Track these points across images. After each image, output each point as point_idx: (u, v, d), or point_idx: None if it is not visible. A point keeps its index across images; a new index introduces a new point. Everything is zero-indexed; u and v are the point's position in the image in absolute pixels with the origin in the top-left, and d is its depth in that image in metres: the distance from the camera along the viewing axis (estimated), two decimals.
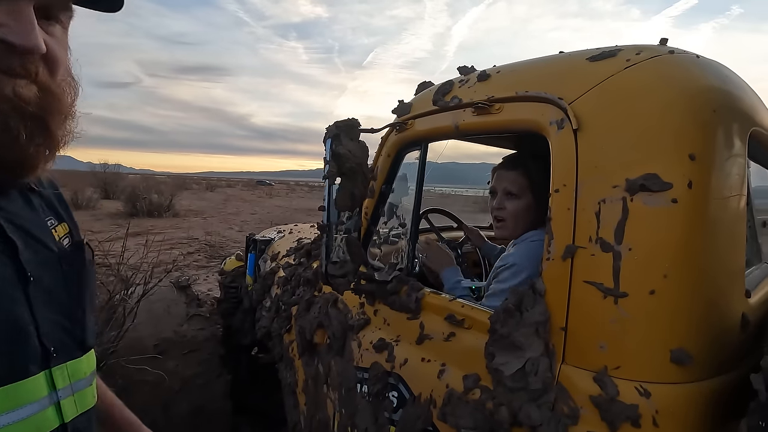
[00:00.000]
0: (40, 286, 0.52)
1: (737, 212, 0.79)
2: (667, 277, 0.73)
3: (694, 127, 0.74)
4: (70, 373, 0.55)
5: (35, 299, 0.50)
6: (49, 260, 0.55)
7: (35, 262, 0.52)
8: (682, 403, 0.72)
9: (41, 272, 0.52)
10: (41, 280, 0.52)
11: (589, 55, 0.89)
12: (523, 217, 1.26)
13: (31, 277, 0.50)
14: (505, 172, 1.30)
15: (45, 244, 0.56)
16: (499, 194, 1.30)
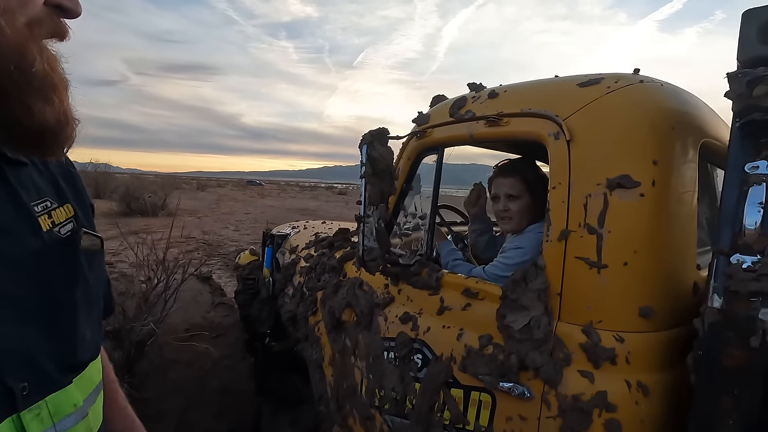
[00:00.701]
0: (6, 300, 0.41)
1: (690, 204, 1.04)
2: (636, 253, 0.97)
3: (656, 140, 0.99)
4: (51, 411, 0.44)
5: None
6: (21, 259, 0.43)
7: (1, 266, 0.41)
8: (648, 346, 0.97)
9: (7, 279, 0.41)
10: (7, 291, 0.41)
11: (579, 81, 1.13)
12: (526, 213, 1.48)
13: None
14: (504, 179, 1.51)
15: (20, 241, 0.44)
16: (502, 198, 1.50)
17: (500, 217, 1.53)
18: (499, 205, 1.51)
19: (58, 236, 0.48)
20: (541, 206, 1.43)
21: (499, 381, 1.07)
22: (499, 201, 1.51)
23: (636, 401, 0.93)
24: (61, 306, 0.47)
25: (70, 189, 0.54)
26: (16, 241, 0.43)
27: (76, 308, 0.49)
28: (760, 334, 0.77)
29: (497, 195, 1.52)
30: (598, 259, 0.99)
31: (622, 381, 0.95)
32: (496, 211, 1.54)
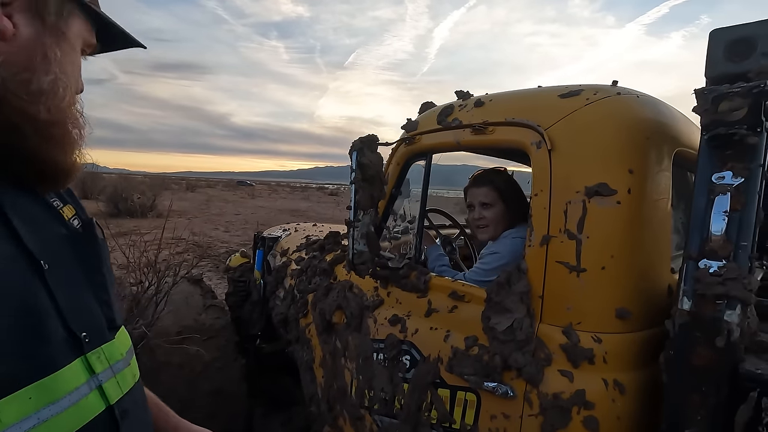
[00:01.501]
0: (58, 271, 0.50)
1: (664, 211, 1.09)
2: (613, 257, 1.02)
3: (632, 150, 1.04)
4: (107, 356, 0.54)
5: (55, 286, 0.49)
6: (62, 242, 0.54)
7: (47, 248, 0.50)
8: (624, 346, 1.01)
9: (56, 256, 0.51)
10: (58, 265, 0.50)
11: (560, 92, 1.18)
12: (500, 220, 1.53)
13: (44, 263, 0.48)
14: (477, 189, 1.57)
15: (52, 228, 0.55)
16: (476, 207, 1.56)
17: (476, 225, 1.59)
18: (474, 214, 1.57)
19: (74, 226, 0.59)
20: (514, 213, 1.51)
21: (483, 381, 1.11)
22: (474, 210, 1.57)
23: (613, 399, 0.98)
24: (98, 278, 0.58)
25: (66, 192, 0.64)
26: (54, 230, 0.55)
27: (107, 282, 0.60)
28: (725, 334, 0.82)
29: (472, 204, 1.58)
30: (578, 264, 1.04)
31: (600, 380, 0.99)
32: (472, 220, 1.60)
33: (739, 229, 0.83)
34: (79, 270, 0.55)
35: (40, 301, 0.47)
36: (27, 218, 0.50)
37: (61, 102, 0.51)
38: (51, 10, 0.51)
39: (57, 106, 0.51)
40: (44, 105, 0.49)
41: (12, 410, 0.41)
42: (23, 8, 0.49)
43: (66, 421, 0.46)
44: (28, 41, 0.49)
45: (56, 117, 0.51)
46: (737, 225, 0.83)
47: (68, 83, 0.52)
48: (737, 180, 0.84)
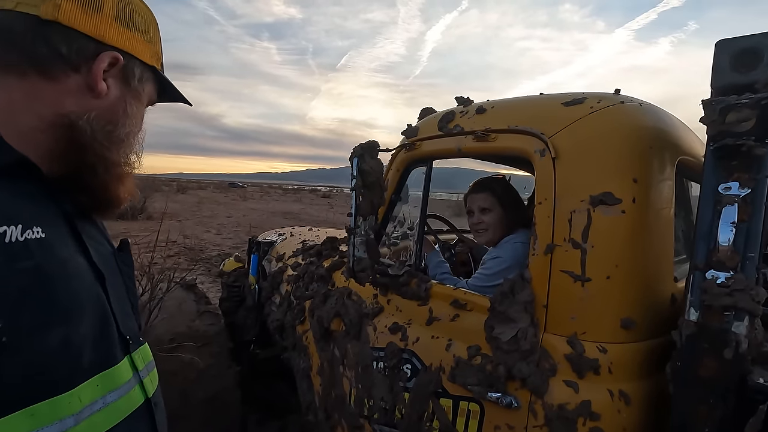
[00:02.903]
0: (111, 282, 0.59)
1: (667, 220, 1.09)
2: (618, 267, 1.02)
3: (636, 159, 1.04)
4: (143, 356, 0.64)
5: (111, 295, 0.58)
6: (110, 258, 0.64)
7: (102, 262, 0.59)
8: (629, 356, 1.01)
9: (107, 270, 0.59)
10: (110, 277, 0.59)
11: (563, 100, 1.18)
12: (499, 224, 1.56)
13: (104, 275, 0.57)
14: (476, 195, 1.62)
15: (104, 245, 0.64)
16: (475, 212, 1.61)
17: (475, 229, 1.63)
18: (474, 219, 1.62)
19: (114, 245, 0.69)
20: (512, 218, 1.53)
21: (487, 391, 1.10)
22: (473, 215, 1.62)
23: (618, 410, 0.97)
24: (129, 290, 0.67)
25: None
26: (104, 248, 0.64)
27: (135, 292, 0.71)
28: (733, 346, 0.81)
29: (471, 209, 1.63)
30: (582, 273, 1.03)
31: (605, 390, 0.99)
32: (472, 224, 1.65)
33: (746, 239, 0.83)
34: (121, 281, 0.64)
35: (107, 307, 0.57)
36: (90, 236, 0.60)
37: (130, 148, 0.63)
38: (135, 77, 0.62)
39: (126, 151, 0.62)
40: (118, 150, 0.60)
41: (88, 393, 0.51)
42: (116, 75, 0.60)
43: (121, 407, 0.56)
44: (115, 100, 0.60)
45: (125, 159, 0.62)
46: (744, 236, 0.83)
47: (136, 131, 0.64)
48: (744, 191, 0.84)
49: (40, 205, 0.52)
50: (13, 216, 0.47)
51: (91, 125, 0.56)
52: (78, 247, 0.56)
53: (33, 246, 0.47)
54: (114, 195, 0.62)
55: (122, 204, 0.64)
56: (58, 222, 0.54)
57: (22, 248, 0.46)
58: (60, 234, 0.53)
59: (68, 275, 0.51)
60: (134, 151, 0.65)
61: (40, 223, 0.49)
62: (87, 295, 0.53)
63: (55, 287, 0.49)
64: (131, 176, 0.64)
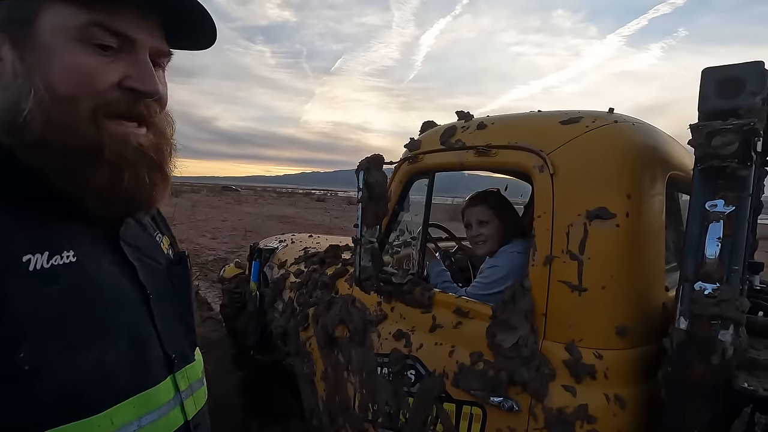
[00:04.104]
0: (158, 300, 0.56)
1: (658, 233, 1.16)
2: (613, 277, 1.08)
3: (629, 176, 1.10)
4: (188, 375, 0.61)
5: (156, 312, 0.56)
6: (162, 274, 0.61)
7: (151, 279, 0.57)
8: (624, 362, 1.07)
9: (157, 287, 0.57)
10: (158, 294, 0.57)
11: (560, 118, 1.24)
12: (497, 236, 1.63)
13: (150, 293, 0.55)
14: (474, 208, 1.69)
15: (157, 260, 0.61)
16: (474, 225, 1.67)
17: (474, 242, 1.69)
18: (472, 231, 1.68)
19: (170, 257, 0.66)
20: (508, 229, 1.60)
21: (490, 395, 1.15)
22: (471, 228, 1.68)
23: (614, 413, 1.03)
24: (183, 304, 0.64)
25: (163, 223, 0.70)
26: (156, 263, 0.61)
27: (191, 305, 0.68)
28: (720, 353, 0.88)
29: (469, 222, 1.69)
30: (579, 283, 1.10)
31: (602, 394, 1.04)
32: (470, 237, 1.71)
33: (731, 253, 0.90)
34: (172, 298, 0.61)
35: (148, 329, 0.55)
36: (140, 251, 0.58)
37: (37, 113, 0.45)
38: None
39: (36, 119, 0.45)
40: (25, 126, 0.45)
41: (122, 415, 0.49)
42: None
43: (158, 429, 0.53)
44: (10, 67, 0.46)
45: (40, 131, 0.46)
46: (730, 250, 0.90)
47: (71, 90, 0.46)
48: (729, 208, 0.90)
49: (77, 226, 0.50)
50: (39, 243, 0.45)
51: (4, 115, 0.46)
52: (121, 266, 0.54)
53: (61, 272, 0.46)
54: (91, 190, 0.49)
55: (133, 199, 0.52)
56: (97, 241, 0.52)
57: (48, 276, 0.44)
58: (96, 254, 0.51)
59: (102, 299, 0.49)
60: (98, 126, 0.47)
61: (73, 246, 0.48)
62: (124, 317, 0.51)
63: (85, 312, 0.47)
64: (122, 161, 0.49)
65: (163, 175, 0.54)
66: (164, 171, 0.54)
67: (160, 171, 0.53)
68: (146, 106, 0.51)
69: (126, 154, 0.49)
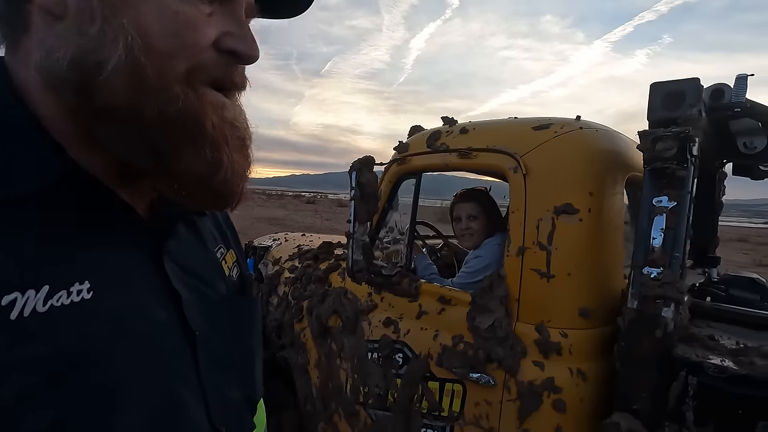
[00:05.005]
0: (207, 343, 0.42)
1: (618, 226, 1.30)
2: (577, 266, 1.22)
3: (592, 176, 1.25)
4: None
5: (203, 363, 0.41)
6: (218, 306, 0.45)
7: (201, 312, 0.42)
8: (586, 340, 1.21)
9: (208, 323, 0.42)
10: (208, 335, 0.42)
11: (533, 124, 1.39)
12: (483, 230, 1.78)
13: (197, 335, 0.41)
14: (464, 204, 1.84)
15: (214, 287, 0.46)
16: (463, 219, 1.82)
17: (462, 234, 1.84)
18: (461, 225, 1.82)
19: (233, 281, 0.49)
20: (493, 224, 1.75)
21: (469, 372, 1.28)
22: (461, 221, 1.82)
23: (576, 384, 1.17)
24: (245, 350, 0.49)
25: (231, 232, 0.55)
26: (213, 290, 0.45)
27: (255, 351, 0.51)
28: (663, 327, 1.02)
29: (459, 216, 1.83)
30: (548, 271, 1.24)
31: (566, 368, 1.18)
32: (459, 230, 1.85)
33: (673, 242, 1.04)
34: (229, 338, 0.46)
35: (187, 384, 0.39)
36: (188, 272, 0.43)
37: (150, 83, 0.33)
38: None
39: (142, 86, 0.33)
40: (115, 90, 0.32)
41: None
42: None
43: None
44: (77, 9, 0.32)
45: (144, 98, 0.33)
46: (672, 239, 1.05)
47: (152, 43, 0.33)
48: (671, 204, 1.05)
49: (106, 237, 0.36)
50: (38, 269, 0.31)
51: (71, 70, 0.31)
52: (159, 295, 0.39)
53: (62, 318, 0.31)
54: (182, 174, 0.36)
55: (213, 185, 0.37)
56: (132, 259, 0.38)
57: (39, 326, 0.30)
58: (126, 280, 0.36)
59: (121, 351, 0.34)
60: (192, 92, 0.35)
61: (92, 272, 0.34)
62: (153, 374, 0.36)
63: (90, 370, 0.32)
64: (209, 136, 0.36)
65: (250, 163, 0.40)
66: (250, 159, 0.40)
67: (247, 159, 0.40)
68: (240, 74, 0.38)
69: (225, 132, 0.36)
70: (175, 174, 0.36)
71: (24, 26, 0.33)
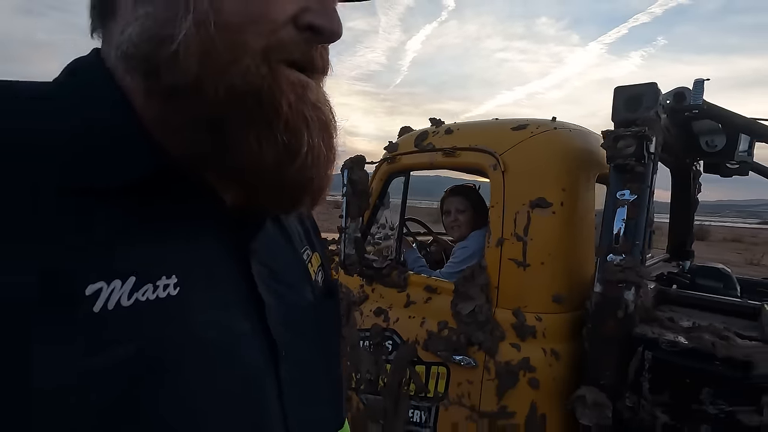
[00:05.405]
0: (291, 358, 0.37)
1: (589, 219, 1.41)
2: (550, 255, 1.32)
3: (564, 173, 1.36)
4: None
5: (286, 382, 0.36)
6: (304, 313, 0.41)
7: (285, 321, 0.37)
8: (559, 324, 1.31)
9: (292, 335, 0.37)
10: (292, 348, 0.37)
11: (512, 125, 1.49)
12: (470, 223, 1.89)
13: (279, 347, 0.35)
14: (454, 198, 1.96)
15: (300, 292, 0.41)
16: (452, 212, 1.93)
17: (451, 226, 1.95)
18: (450, 218, 1.93)
19: (319, 286, 0.45)
20: (479, 218, 1.86)
21: (452, 355, 1.39)
22: (450, 214, 1.94)
23: (550, 364, 1.27)
24: (331, 360, 0.44)
25: (315, 234, 0.50)
26: (299, 296, 0.41)
27: (340, 362, 0.46)
28: (624, 308, 1.13)
29: (449, 210, 1.94)
30: (524, 260, 1.34)
31: (540, 349, 1.29)
32: (448, 222, 1.97)
33: (634, 232, 1.15)
34: (313, 350, 0.41)
35: (269, 404, 0.34)
36: (275, 276, 0.38)
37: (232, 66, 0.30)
38: None
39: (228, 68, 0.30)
40: (197, 73, 0.29)
41: None
42: None
43: None
44: None
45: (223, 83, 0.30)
46: (633, 229, 1.15)
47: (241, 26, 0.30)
48: (633, 197, 1.16)
49: (193, 231, 0.33)
50: (123, 259, 0.28)
51: (144, 50, 0.29)
52: (243, 300, 0.34)
53: (147, 313, 0.28)
54: (253, 166, 0.32)
55: (284, 184, 0.33)
56: (218, 257, 0.34)
57: (124, 319, 0.27)
58: (212, 279, 0.33)
59: (201, 357, 0.30)
60: (256, 51, 0.30)
61: (178, 266, 0.30)
62: (231, 389, 0.31)
63: (166, 379, 0.28)
64: (279, 114, 0.31)
65: (334, 155, 0.36)
66: (335, 150, 0.36)
67: (331, 149, 0.35)
68: (321, 54, 0.34)
69: (306, 113, 0.32)
70: (245, 163, 0.31)
71: (112, 11, 0.32)
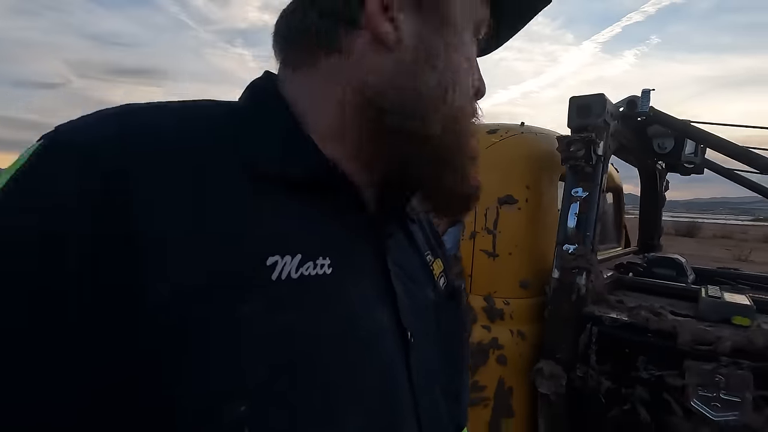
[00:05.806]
0: (419, 353, 0.37)
1: (552, 214, 1.57)
2: (517, 246, 1.48)
3: (528, 173, 1.52)
4: None
5: (417, 374, 0.36)
6: (428, 312, 0.42)
7: (414, 317, 0.38)
8: (525, 307, 1.47)
9: (419, 330, 0.38)
10: (421, 342, 0.38)
11: (487, 129, 1.65)
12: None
13: (411, 338, 0.36)
14: None
15: (424, 290, 0.43)
16: None
17: None
18: None
19: (441, 289, 0.47)
20: None
21: None
22: None
23: (516, 343, 1.43)
24: (455, 364, 0.45)
25: (436, 240, 0.53)
26: (423, 294, 0.43)
27: (464, 367, 0.47)
28: (576, 292, 1.29)
29: None
30: (494, 251, 1.50)
31: (508, 330, 1.45)
32: None
33: (585, 224, 1.31)
34: (437, 352, 0.42)
35: (404, 396, 0.35)
36: (406, 275, 0.41)
37: (453, 108, 0.38)
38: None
39: (449, 114, 0.38)
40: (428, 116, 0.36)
41: None
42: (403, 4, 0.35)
43: None
44: (412, 43, 0.36)
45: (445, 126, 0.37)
46: (584, 222, 1.31)
47: (458, 79, 0.38)
48: (585, 194, 1.32)
49: (339, 226, 0.35)
50: (292, 239, 0.31)
51: (389, 93, 0.35)
52: (379, 293, 0.36)
53: (312, 286, 0.30)
54: (442, 187, 0.40)
55: (461, 199, 0.43)
56: (361, 249, 0.37)
57: (294, 289, 0.29)
58: (357, 267, 0.35)
59: (355, 337, 0.32)
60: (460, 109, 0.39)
61: (330, 249, 0.33)
62: (370, 379, 0.32)
63: (336, 356, 0.30)
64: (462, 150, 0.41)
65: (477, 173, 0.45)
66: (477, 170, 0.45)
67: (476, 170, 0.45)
68: None
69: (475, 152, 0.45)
70: (429, 187, 0.40)
71: (338, 49, 0.35)
